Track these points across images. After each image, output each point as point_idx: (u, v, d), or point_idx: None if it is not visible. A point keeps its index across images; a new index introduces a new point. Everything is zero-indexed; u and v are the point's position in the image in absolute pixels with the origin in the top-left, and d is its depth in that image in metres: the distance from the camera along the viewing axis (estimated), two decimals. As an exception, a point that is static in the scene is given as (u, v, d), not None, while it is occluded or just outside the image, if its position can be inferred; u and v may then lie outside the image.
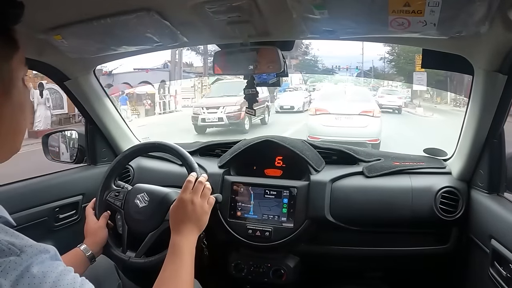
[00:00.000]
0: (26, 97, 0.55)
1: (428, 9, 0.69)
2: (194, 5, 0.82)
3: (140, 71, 15.61)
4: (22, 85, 0.54)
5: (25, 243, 0.47)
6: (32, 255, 0.47)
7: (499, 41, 0.82)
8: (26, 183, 1.30)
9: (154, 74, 17.30)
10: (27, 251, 0.46)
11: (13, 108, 0.52)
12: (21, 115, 0.54)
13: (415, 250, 1.27)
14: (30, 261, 0.46)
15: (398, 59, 22.08)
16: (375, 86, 16.81)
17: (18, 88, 0.53)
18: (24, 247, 0.47)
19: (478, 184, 1.17)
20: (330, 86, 18.23)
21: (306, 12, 0.78)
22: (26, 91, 0.55)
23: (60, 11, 0.86)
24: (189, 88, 18.68)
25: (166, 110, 16.02)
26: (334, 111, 7.72)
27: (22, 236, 0.48)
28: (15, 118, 0.53)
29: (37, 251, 0.48)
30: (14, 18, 0.51)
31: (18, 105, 0.53)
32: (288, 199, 1.30)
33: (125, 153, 1.27)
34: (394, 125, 10.58)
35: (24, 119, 0.56)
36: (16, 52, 0.52)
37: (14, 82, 0.52)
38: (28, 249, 0.47)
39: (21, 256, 0.45)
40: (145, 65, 16.58)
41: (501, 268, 0.95)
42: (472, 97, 1.05)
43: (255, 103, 1.20)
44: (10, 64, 0.51)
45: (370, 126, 7.40)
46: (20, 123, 0.55)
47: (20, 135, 0.56)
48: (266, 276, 1.33)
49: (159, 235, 1.13)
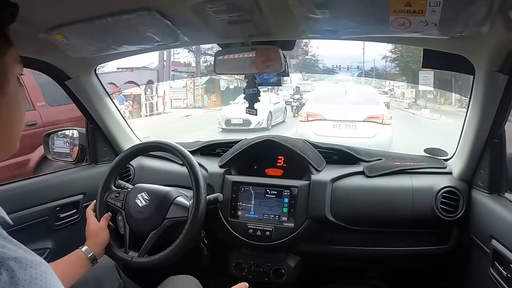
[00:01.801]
0: (22, 95, 0.55)
1: (429, 9, 0.69)
2: (195, 4, 0.82)
3: (124, 70, 14.26)
4: (17, 83, 0.54)
5: (9, 255, 0.42)
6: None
7: (500, 41, 0.82)
8: (27, 182, 1.31)
9: (140, 73, 15.83)
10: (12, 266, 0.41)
11: (10, 103, 0.52)
12: (18, 112, 0.54)
13: (415, 250, 1.27)
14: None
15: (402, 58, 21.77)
16: (376, 86, 16.23)
17: (13, 85, 0.53)
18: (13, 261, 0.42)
19: (478, 184, 1.17)
20: (327, 84, 15.46)
21: (307, 11, 0.78)
22: (22, 89, 0.55)
23: (61, 10, 0.86)
24: (181, 88, 17.74)
25: (153, 112, 15.09)
26: (331, 116, 6.15)
27: (15, 243, 0.44)
28: (12, 113, 0.52)
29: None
30: (8, 19, 0.51)
31: (15, 101, 0.53)
32: (288, 199, 1.30)
33: (125, 153, 1.27)
34: (402, 130, 8.73)
35: (21, 116, 0.55)
36: (9, 48, 0.51)
37: (8, 78, 0.51)
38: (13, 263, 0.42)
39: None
40: (132, 64, 15.04)
41: (501, 268, 0.95)
42: (473, 97, 1.05)
43: (257, 102, 1.20)
44: (4, 60, 0.50)
45: (379, 136, 5.78)
46: (18, 121, 0.55)
47: (17, 132, 0.55)
48: (267, 276, 1.33)
49: (160, 234, 1.13)
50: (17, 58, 0.53)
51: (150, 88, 15.46)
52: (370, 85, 14.29)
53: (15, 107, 0.53)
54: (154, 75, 16.69)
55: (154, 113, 15.15)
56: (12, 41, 0.52)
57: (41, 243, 1.27)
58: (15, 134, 0.55)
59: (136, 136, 1.64)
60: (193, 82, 18.38)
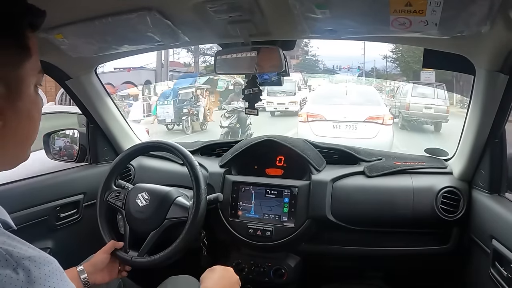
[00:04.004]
0: (36, 106, 0.52)
1: (429, 9, 0.68)
2: (195, 4, 0.82)
3: (121, 70, 14.07)
4: (32, 93, 0.51)
5: (23, 255, 0.42)
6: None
7: (500, 41, 0.82)
8: (27, 182, 1.31)
9: (138, 73, 15.55)
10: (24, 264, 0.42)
11: (20, 116, 0.49)
12: (29, 124, 0.52)
13: (415, 250, 1.27)
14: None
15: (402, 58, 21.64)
16: (377, 86, 16.12)
17: (27, 96, 0.50)
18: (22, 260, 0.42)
19: (479, 184, 1.17)
20: (326, 84, 15.11)
21: (308, 11, 0.78)
22: (37, 99, 0.52)
23: (62, 10, 0.86)
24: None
25: (151, 112, 14.56)
26: (332, 117, 6.15)
27: (23, 242, 0.44)
28: (21, 127, 0.50)
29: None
30: (31, 26, 0.49)
31: (26, 113, 0.50)
32: (289, 199, 1.30)
33: (126, 153, 1.27)
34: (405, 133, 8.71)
35: (33, 128, 0.53)
36: (28, 60, 0.49)
37: (22, 90, 0.49)
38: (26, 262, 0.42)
39: (17, 271, 0.41)
40: (130, 64, 14.97)
41: (502, 268, 0.95)
42: (473, 97, 1.05)
43: (259, 101, 1.20)
44: (19, 72, 0.48)
45: (379, 136, 5.81)
46: (28, 133, 0.52)
47: (27, 145, 0.54)
48: (267, 276, 1.33)
49: (161, 234, 1.13)
50: (37, 68, 0.51)
51: (148, 88, 15.15)
52: (370, 85, 14.02)
53: (25, 121, 0.51)
54: (152, 76, 16.44)
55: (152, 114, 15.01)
56: (32, 52, 0.49)
57: (41, 243, 1.27)
58: (24, 147, 0.53)
59: (137, 136, 1.64)
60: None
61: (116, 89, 12.56)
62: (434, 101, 9.26)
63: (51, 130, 1.56)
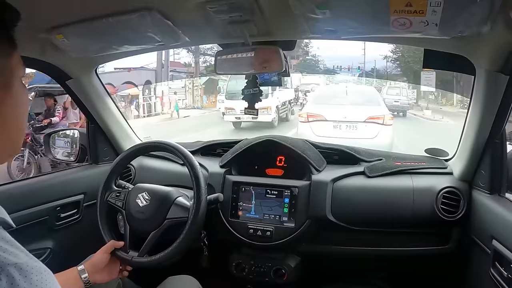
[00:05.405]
0: (25, 97, 0.56)
1: (430, 9, 0.69)
2: (195, 4, 0.82)
3: (122, 70, 13.92)
4: (21, 84, 0.55)
5: (10, 260, 0.41)
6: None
7: (501, 41, 0.82)
8: (27, 182, 1.31)
9: (138, 74, 15.51)
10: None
11: (15, 103, 0.53)
12: (22, 112, 0.55)
13: (416, 251, 1.27)
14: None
15: (403, 58, 21.60)
16: (377, 86, 16.14)
17: (19, 85, 0.54)
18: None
19: (479, 185, 1.17)
20: (327, 84, 15.54)
21: (308, 11, 0.78)
22: (24, 90, 0.56)
23: (62, 10, 0.86)
24: (180, 88, 17.41)
25: (151, 112, 15.02)
26: (332, 117, 6.12)
27: (17, 246, 0.44)
28: (15, 113, 0.53)
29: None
30: (11, 22, 0.52)
31: (19, 101, 0.54)
32: (289, 199, 1.30)
33: (126, 153, 1.27)
34: (405, 132, 8.79)
35: (24, 116, 0.56)
36: (14, 50, 0.53)
37: (14, 78, 0.53)
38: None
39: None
40: (130, 64, 14.72)
41: (502, 269, 0.95)
42: (473, 97, 1.05)
43: (259, 102, 1.20)
44: (10, 62, 0.52)
45: (379, 137, 5.77)
46: (22, 119, 0.56)
47: (21, 133, 0.56)
48: (267, 276, 1.33)
49: (161, 234, 1.13)
50: (21, 60, 0.55)
51: (148, 88, 15.34)
52: (371, 86, 14.13)
53: (20, 107, 0.54)
54: (152, 76, 16.43)
55: (152, 114, 15.10)
56: (16, 44, 0.53)
57: (41, 243, 1.27)
58: (19, 134, 0.56)
59: (137, 136, 1.64)
60: (192, 83, 18.20)
61: (116, 89, 12.52)
62: (400, 97, 13.96)
63: (51, 130, 1.56)
